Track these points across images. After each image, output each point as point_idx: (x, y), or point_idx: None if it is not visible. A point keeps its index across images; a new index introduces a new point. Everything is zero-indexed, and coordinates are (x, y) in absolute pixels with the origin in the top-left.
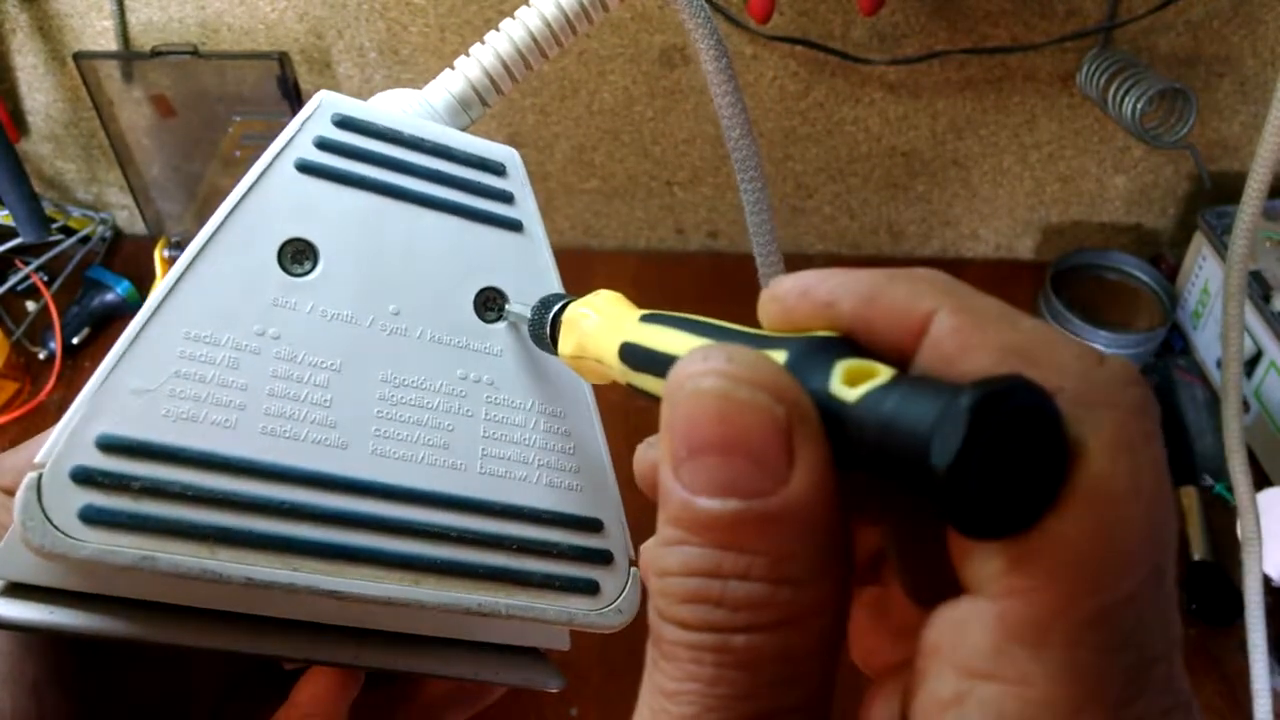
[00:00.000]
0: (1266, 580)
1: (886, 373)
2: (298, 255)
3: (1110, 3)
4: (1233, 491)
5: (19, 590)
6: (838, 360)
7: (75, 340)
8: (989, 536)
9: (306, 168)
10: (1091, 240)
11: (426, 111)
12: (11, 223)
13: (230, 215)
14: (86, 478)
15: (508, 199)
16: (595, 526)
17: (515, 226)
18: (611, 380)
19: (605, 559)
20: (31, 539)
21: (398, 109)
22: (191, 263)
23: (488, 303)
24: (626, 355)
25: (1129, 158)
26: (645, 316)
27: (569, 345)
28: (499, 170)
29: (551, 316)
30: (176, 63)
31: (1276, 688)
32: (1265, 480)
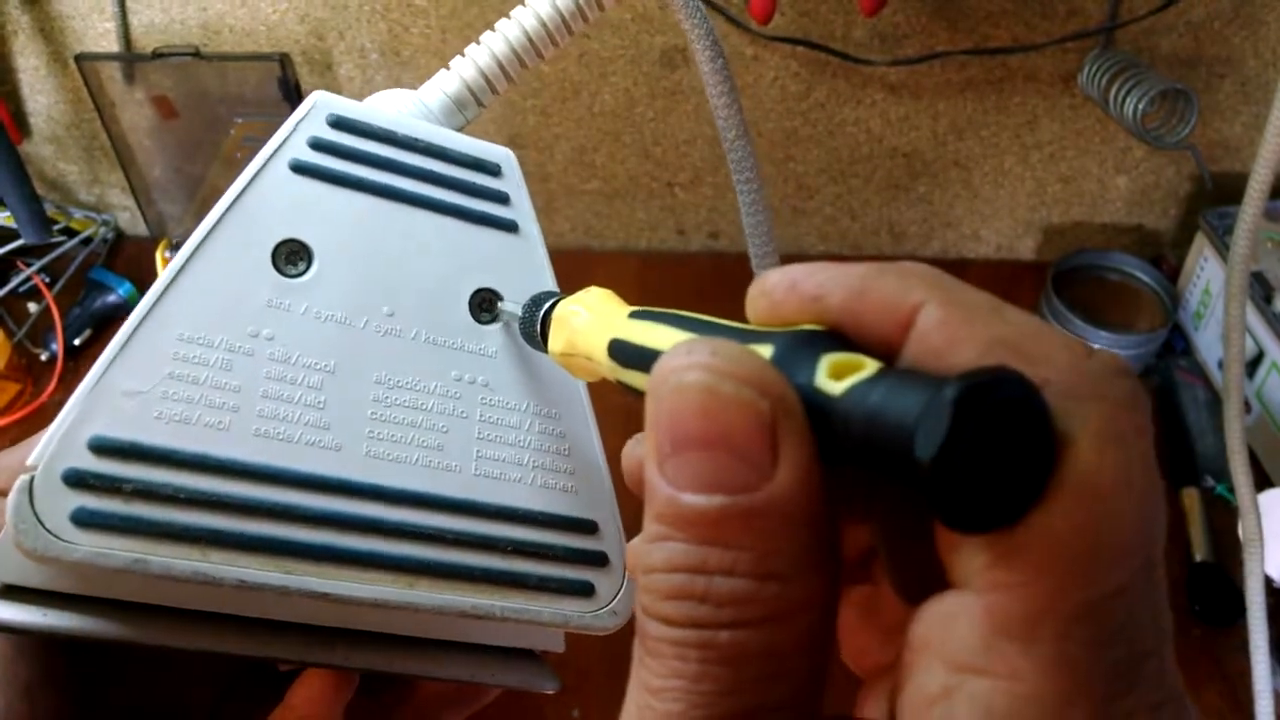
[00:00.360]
0: (1268, 581)
1: (872, 366)
2: (292, 256)
3: (1112, 3)
4: (1234, 492)
5: (12, 592)
6: (824, 354)
7: (77, 342)
8: (975, 530)
9: (301, 168)
10: (1093, 241)
11: (422, 112)
12: (13, 224)
13: (224, 216)
14: (79, 480)
15: (503, 200)
16: (590, 528)
17: (510, 227)
18: (601, 378)
19: (600, 561)
20: (24, 542)
21: (393, 109)
22: (185, 264)
23: (483, 304)
24: (615, 351)
25: (1130, 158)
26: (634, 313)
27: (559, 342)
28: (494, 171)
29: (542, 314)
30: (178, 64)
31: (1278, 689)
32: (1267, 481)
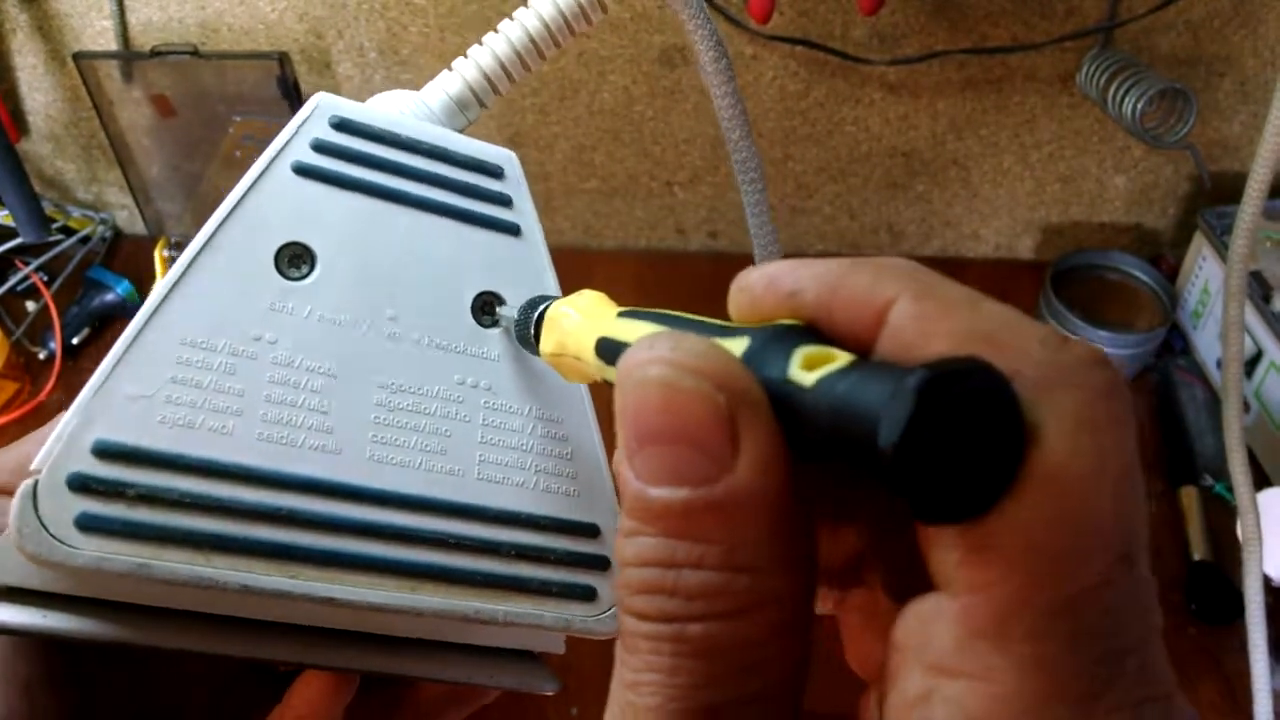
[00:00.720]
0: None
1: (844, 358)
2: (295, 259)
3: (1110, 2)
4: (1233, 492)
5: (13, 594)
6: (798, 347)
7: (75, 340)
8: (940, 520)
9: (304, 171)
10: (1091, 240)
11: (423, 113)
12: (11, 223)
13: (227, 219)
14: (83, 485)
15: (505, 202)
16: (592, 532)
17: (513, 230)
18: (591, 379)
19: (602, 565)
20: (27, 546)
21: (395, 111)
22: (188, 267)
23: (485, 307)
24: (602, 350)
25: (1129, 158)
26: (622, 313)
27: (549, 343)
28: (497, 173)
29: (535, 317)
30: (176, 63)
31: (1277, 688)
32: (1265, 480)
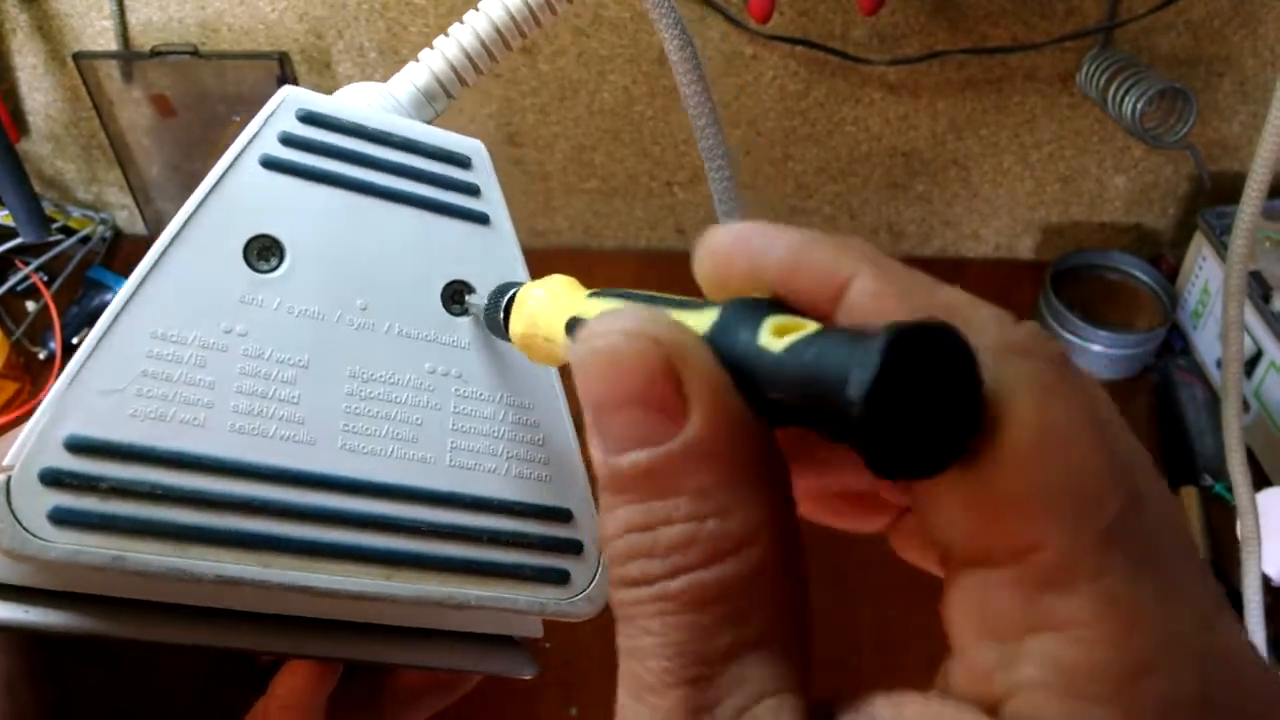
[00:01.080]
0: (1266, 580)
1: (813, 326)
2: (264, 252)
3: (1110, 2)
4: (1232, 491)
5: None
6: (768, 316)
7: (75, 340)
8: (906, 476)
9: (271, 164)
10: (1091, 240)
11: (391, 105)
12: (11, 223)
13: (195, 213)
14: (55, 479)
15: (474, 191)
16: (564, 516)
17: (482, 219)
18: (561, 360)
19: (575, 548)
20: (2, 541)
21: (363, 103)
22: (157, 261)
23: (455, 296)
24: (573, 330)
25: (1129, 158)
26: (592, 294)
27: (519, 325)
28: (465, 163)
29: (505, 301)
30: (176, 63)
31: None
32: (1265, 480)
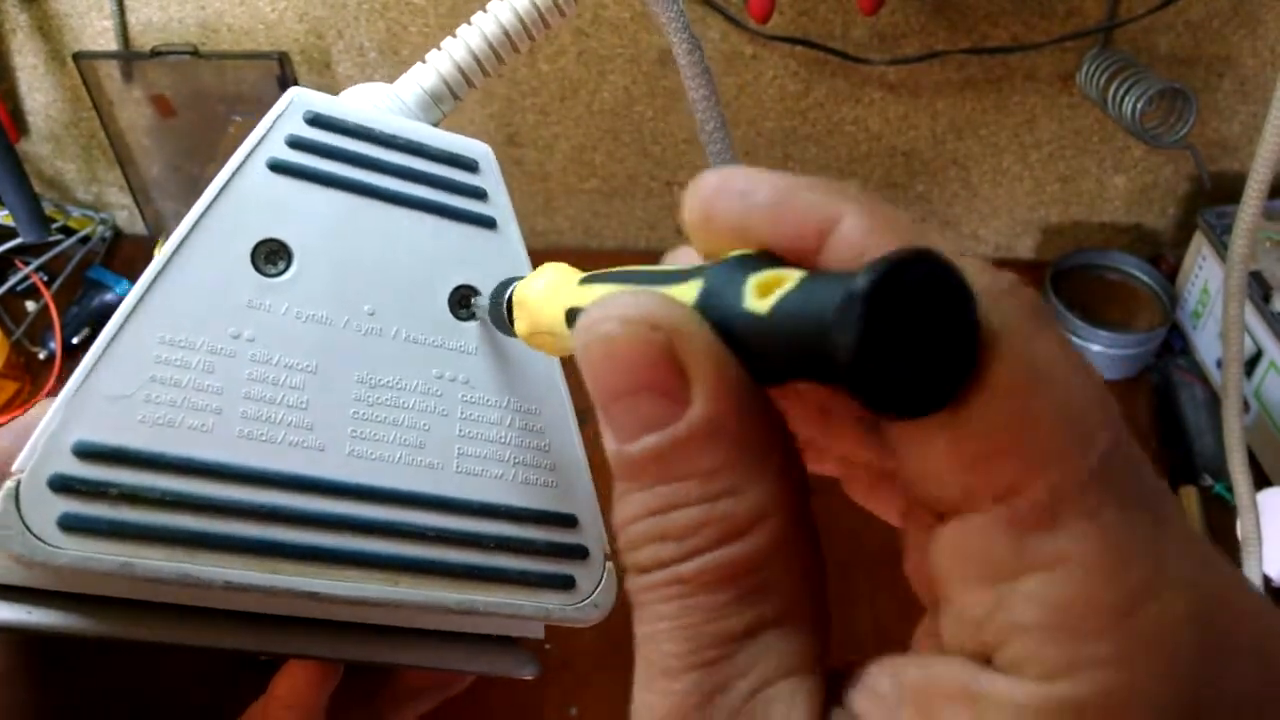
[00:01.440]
0: (1267, 580)
1: (795, 277)
2: (271, 256)
3: (1110, 3)
4: (1233, 492)
5: None
6: (750, 275)
7: (75, 340)
8: (903, 415)
9: (279, 167)
10: (1091, 240)
11: (398, 107)
12: (11, 223)
13: (202, 217)
14: (64, 485)
15: (481, 195)
16: (570, 522)
17: (489, 223)
18: (569, 350)
19: (580, 554)
20: (11, 547)
21: (369, 105)
22: (164, 267)
23: (462, 300)
24: (573, 321)
25: (1129, 157)
26: (584, 279)
27: (523, 323)
28: (471, 166)
29: (506, 299)
30: (176, 63)
31: None
32: (1265, 480)
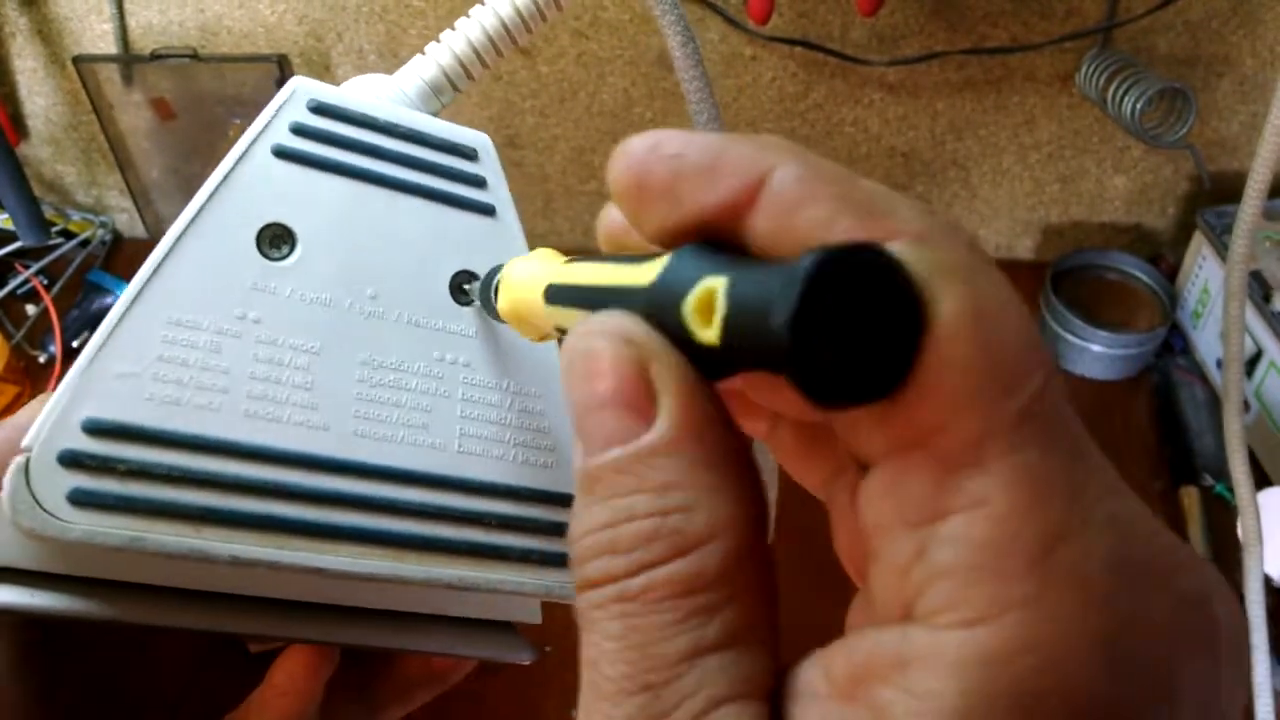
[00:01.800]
0: (1267, 580)
1: (723, 286)
2: (276, 240)
3: (1109, 3)
4: (1233, 491)
5: (2, 574)
6: (687, 295)
7: (75, 344)
8: (846, 404)
9: (283, 153)
10: (1091, 240)
11: (399, 97)
12: (11, 226)
13: (208, 201)
14: (74, 461)
15: (480, 184)
16: (569, 502)
17: (488, 211)
18: (548, 335)
19: None
20: (22, 522)
21: (371, 95)
22: (172, 248)
23: (462, 286)
24: (550, 296)
25: (1128, 158)
26: (569, 260)
27: (505, 301)
28: (471, 155)
29: (495, 281)
30: (176, 66)
31: (1277, 688)
32: (1266, 480)
